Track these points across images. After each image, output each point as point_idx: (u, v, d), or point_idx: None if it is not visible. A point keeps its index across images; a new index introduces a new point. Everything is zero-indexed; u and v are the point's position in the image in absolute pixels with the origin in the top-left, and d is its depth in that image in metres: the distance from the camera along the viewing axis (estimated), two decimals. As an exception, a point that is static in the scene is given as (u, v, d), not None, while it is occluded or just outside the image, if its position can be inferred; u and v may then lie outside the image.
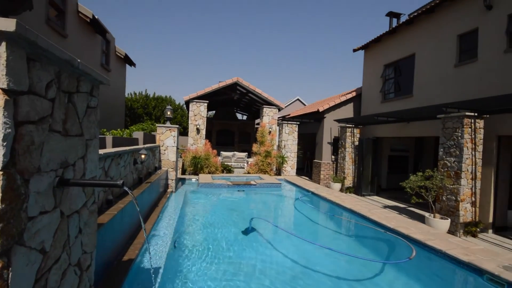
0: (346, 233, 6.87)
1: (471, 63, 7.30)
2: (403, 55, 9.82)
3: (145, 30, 73.98)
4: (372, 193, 10.82)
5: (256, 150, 13.66)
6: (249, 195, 9.84)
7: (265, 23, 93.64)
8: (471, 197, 6.41)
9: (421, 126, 8.72)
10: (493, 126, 6.54)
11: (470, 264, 4.17)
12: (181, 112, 27.09)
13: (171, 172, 9.15)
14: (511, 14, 6.40)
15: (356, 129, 11.21)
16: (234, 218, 7.01)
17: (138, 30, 65.02)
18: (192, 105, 13.36)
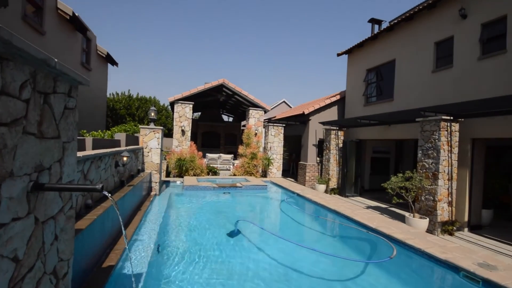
0: (331, 234, 6.99)
1: (447, 69, 7.67)
2: (384, 60, 10.17)
3: (129, 30, 72.34)
4: (356, 194, 11.08)
5: (242, 152, 13.64)
6: (235, 197, 9.79)
7: (252, 26, 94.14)
8: (448, 197, 6.72)
9: (402, 129, 9.04)
10: (467, 130, 6.90)
11: (447, 261, 4.35)
12: (165, 113, 26.62)
13: (155, 174, 8.95)
14: (484, 23, 6.79)
15: (340, 131, 11.46)
16: (220, 221, 6.95)
17: (122, 29, 63.39)
18: (177, 107, 13.16)
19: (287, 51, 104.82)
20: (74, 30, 10.06)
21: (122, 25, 59.97)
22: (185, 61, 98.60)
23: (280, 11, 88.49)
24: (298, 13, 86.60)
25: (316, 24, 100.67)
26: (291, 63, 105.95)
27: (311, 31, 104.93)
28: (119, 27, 61.09)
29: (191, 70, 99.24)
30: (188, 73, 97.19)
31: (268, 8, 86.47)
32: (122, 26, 60.37)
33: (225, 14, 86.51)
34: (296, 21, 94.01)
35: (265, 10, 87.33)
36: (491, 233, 6.80)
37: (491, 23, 6.68)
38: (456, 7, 7.42)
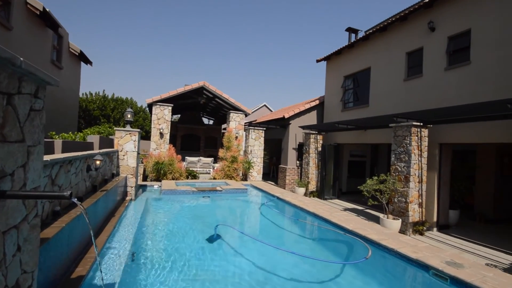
0: (310, 236, 7.10)
1: (417, 78, 8.15)
2: (360, 68, 10.60)
3: (106, 28, 69.41)
4: (334, 196, 11.37)
5: (223, 155, 13.53)
6: (215, 201, 9.66)
7: (233, 29, 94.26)
8: (418, 199, 7.09)
9: (377, 133, 9.44)
10: (436, 135, 7.35)
11: (418, 261, 4.58)
12: (143, 115, 25.81)
13: (130, 178, 8.60)
14: (451, 36, 7.31)
15: (319, 135, 11.74)
16: (199, 226, 6.81)
17: (98, 27, 60.58)
18: (156, 109, 12.80)
19: (268, 55, 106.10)
20: (44, 26, 9.49)
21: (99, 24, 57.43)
22: (165, 64, 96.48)
23: (262, 16, 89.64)
24: (280, 18, 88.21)
25: (297, 29, 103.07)
26: (272, 67, 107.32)
27: (292, 36, 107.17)
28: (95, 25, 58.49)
29: (171, 72, 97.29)
30: (168, 76, 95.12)
31: (249, 13, 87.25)
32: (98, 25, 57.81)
33: (206, 19, 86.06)
34: (278, 26, 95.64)
35: (245, 15, 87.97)
36: (458, 232, 7.27)
37: (456, 36, 7.20)
38: (425, 20, 7.93)
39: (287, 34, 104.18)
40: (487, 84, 6.32)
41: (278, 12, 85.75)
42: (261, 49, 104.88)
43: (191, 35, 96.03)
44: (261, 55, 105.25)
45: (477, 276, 3.95)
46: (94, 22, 56.07)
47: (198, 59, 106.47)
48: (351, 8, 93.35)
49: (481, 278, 3.88)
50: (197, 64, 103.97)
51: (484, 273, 4.10)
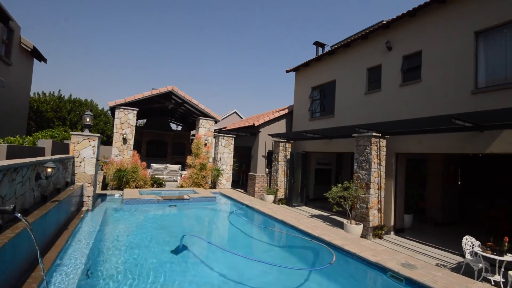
0: (278, 244, 7.15)
1: (377, 92, 8.82)
2: (327, 80, 11.18)
3: (66, 24, 63.75)
4: (302, 203, 11.65)
5: (191, 163, 13.17)
6: (182, 211, 9.31)
7: (204, 36, 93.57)
8: (378, 204, 7.57)
9: (341, 143, 9.95)
10: (392, 145, 7.96)
11: (377, 264, 4.85)
12: (104, 118, 24.24)
13: (87, 187, 7.94)
14: (405, 55, 8.06)
15: (288, 143, 12.03)
16: (164, 237, 6.49)
17: (58, 19, 55.57)
18: (119, 112, 12.10)
19: (240, 63, 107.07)
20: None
21: (59, 16, 52.97)
22: (132, 67, 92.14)
23: (234, 25, 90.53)
24: (252, 28, 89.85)
25: (268, 39, 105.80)
26: (243, 75, 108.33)
27: (263, 45, 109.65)
28: (55, 17, 53.77)
29: (138, 76, 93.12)
30: (134, 80, 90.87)
31: (219, 20, 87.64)
32: (58, 16, 53.28)
33: (179, 25, 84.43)
34: (250, 35, 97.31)
35: (215, 22, 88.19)
36: (412, 235, 7.87)
37: (410, 56, 7.96)
38: (384, 40, 8.66)
39: (259, 43, 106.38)
40: (436, 100, 7.05)
41: (251, 22, 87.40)
42: (233, 57, 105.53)
43: (161, 40, 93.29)
44: (233, 63, 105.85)
45: (428, 276, 4.29)
46: (53, 14, 51.53)
47: (168, 64, 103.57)
48: (319, 23, 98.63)
49: (432, 278, 4.22)
50: (166, 69, 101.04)
51: (434, 273, 4.47)
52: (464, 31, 6.61)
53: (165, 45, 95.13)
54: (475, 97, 6.24)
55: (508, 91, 5.69)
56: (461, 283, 4.12)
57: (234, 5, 69.39)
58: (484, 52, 6.33)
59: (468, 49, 6.50)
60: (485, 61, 6.30)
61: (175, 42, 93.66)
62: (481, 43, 6.38)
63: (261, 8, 76.12)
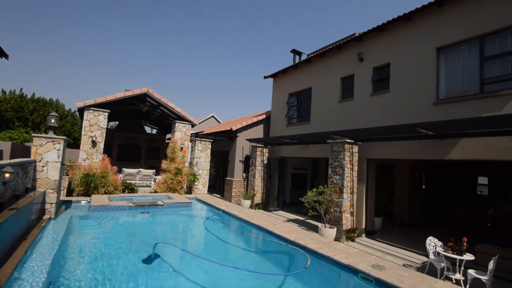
0: (254, 249, 7.13)
1: (350, 100, 9.22)
2: (303, 87, 11.49)
3: (31, 19, 58.61)
4: (278, 208, 11.75)
5: (166, 167, 12.77)
6: (155, 217, 8.96)
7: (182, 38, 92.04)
8: (350, 208, 7.85)
9: (317, 148, 10.23)
10: (364, 151, 8.34)
11: (350, 266, 5.01)
12: (71, 119, 22.83)
13: (50, 194, 7.38)
14: (375, 67, 8.53)
15: (265, 148, 12.13)
16: (135, 245, 6.19)
17: (22, 18, 50.99)
18: (88, 114, 11.45)
19: (218, 68, 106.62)
20: None
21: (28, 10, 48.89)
22: (105, 67, 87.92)
23: (213, 28, 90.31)
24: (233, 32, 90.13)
25: (246, 45, 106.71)
26: (222, 79, 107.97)
27: (241, 50, 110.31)
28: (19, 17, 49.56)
29: (111, 77, 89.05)
30: (106, 79, 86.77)
31: (196, 24, 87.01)
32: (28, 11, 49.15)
33: (156, 26, 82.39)
34: (230, 39, 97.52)
35: (193, 28, 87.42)
36: (381, 237, 8.24)
37: (379, 68, 8.45)
38: (356, 51, 9.12)
39: (238, 49, 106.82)
40: (403, 109, 7.53)
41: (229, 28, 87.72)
42: (211, 60, 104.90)
43: (136, 40, 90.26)
44: (211, 67, 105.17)
45: (396, 276, 4.52)
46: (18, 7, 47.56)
47: (143, 66, 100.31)
48: (297, 31, 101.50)
49: (399, 278, 4.44)
50: (142, 70, 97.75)
51: (401, 273, 4.71)
52: (427, 47, 7.17)
53: (140, 46, 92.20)
54: (437, 107, 6.76)
55: (465, 103, 6.24)
56: (426, 282, 4.39)
57: (213, 10, 69.33)
58: (444, 66, 6.91)
59: (430, 63, 7.05)
60: (445, 74, 6.86)
61: (151, 43, 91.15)
62: (442, 58, 6.95)
63: (240, 14, 76.83)
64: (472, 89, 6.30)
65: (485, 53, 6.15)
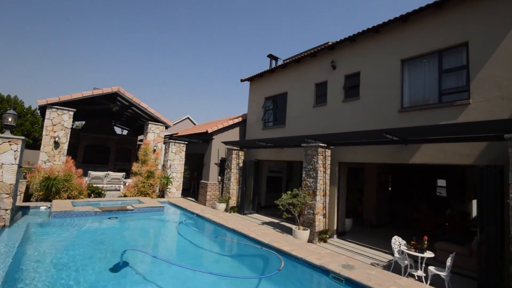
0: (229, 253, 7.06)
1: (323, 106, 9.56)
2: (279, 92, 11.70)
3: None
4: (253, 211, 11.77)
5: (137, 170, 12.22)
6: (124, 223, 8.53)
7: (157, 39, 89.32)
8: (323, 210, 8.10)
9: (292, 152, 10.44)
10: (336, 155, 8.67)
11: (321, 266, 5.16)
12: (31, 118, 21.10)
13: (5, 199, 6.72)
14: (347, 75, 8.94)
15: (241, 151, 12.12)
16: (101, 254, 5.83)
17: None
18: (51, 112, 10.65)
19: (194, 68, 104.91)
20: None
21: None
22: (73, 63, 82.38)
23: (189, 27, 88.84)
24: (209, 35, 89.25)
25: (223, 47, 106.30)
26: (198, 80, 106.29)
27: (218, 53, 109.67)
28: None
29: (78, 74, 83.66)
30: (73, 77, 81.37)
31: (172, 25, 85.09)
32: None
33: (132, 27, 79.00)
34: (206, 41, 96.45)
35: (169, 29, 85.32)
36: (352, 237, 8.59)
37: (351, 76, 8.87)
38: (329, 59, 9.50)
39: (215, 51, 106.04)
40: (371, 116, 7.96)
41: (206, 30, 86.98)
42: (186, 62, 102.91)
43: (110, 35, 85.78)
44: (187, 68, 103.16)
45: (364, 275, 4.73)
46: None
47: (115, 64, 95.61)
48: (274, 37, 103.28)
49: (367, 277, 4.66)
50: (115, 70, 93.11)
51: (369, 272, 4.94)
52: (393, 58, 7.68)
53: (112, 44, 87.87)
54: (401, 115, 7.25)
55: (426, 111, 6.76)
56: (391, 280, 4.64)
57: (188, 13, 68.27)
58: (408, 77, 7.44)
59: (396, 73, 7.55)
60: (409, 84, 7.39)
61: (123, 41, 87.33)
62: (406, 69, 7.49)
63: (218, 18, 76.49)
64: (432, 99, 6.86)
65: (443, 66, 6.73)
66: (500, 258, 4.95)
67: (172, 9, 73.31)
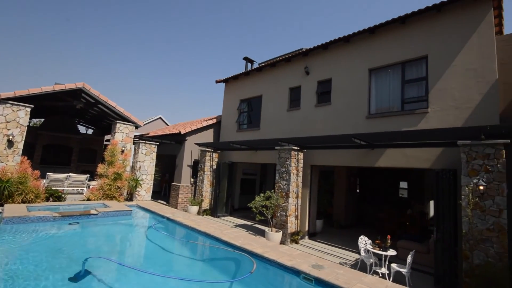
0: (201, 257, 6.91)
1: (297, 110, 9.80)
2: (254, 95, 11.78)
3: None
4: (226, 213, 11.67)
5: (103, 172, 11.50)
6: (87, 229, 7.97)
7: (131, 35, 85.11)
8: (295, 212, 8.27)
9: (266, 154, 10.54)
10: (308, 158, 8.92)
11: (293, 267, 5.25)
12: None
13: None
14: (319, 81, 9.26)
15: (215, 153, 11.98)
16: (60, 262, 5.39)
17: None
18: (5, 108, 9.67)
19: (169, 68, 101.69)
20: None
21: None
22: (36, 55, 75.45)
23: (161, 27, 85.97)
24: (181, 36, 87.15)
25: (199, 48, 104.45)
26: (172, 80, 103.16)
27: (194, 53, 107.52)
28: None
29: (40, 68, 76.89)
30: (33, 70, 74.63)
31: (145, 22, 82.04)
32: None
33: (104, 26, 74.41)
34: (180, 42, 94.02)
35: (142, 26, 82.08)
36: (322, 238, 8.87)
37: (323, 82, 9.21)
38: (303, 65, 9.78)
39: (190, 52, 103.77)
40: (342, 121, 8.32)
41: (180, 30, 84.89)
42: (161, 61, 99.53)
43: (76, 29, 79.92)
44: (162, 67, 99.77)
45: (332, 274, 4.90)
46: None
47: (79, 55, 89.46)
48: (249, 41, 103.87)
49: (335, 276, 4.84)
50: (81, 66, 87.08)
51: (337, 271, 5.14)
52: (361, 67, 8.12)
53: (79, 37, 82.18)
54: (368, 121, 7.68)
55: (391, 118, 7.23)
56: (357, 278, 4.87)
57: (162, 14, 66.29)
58: (375, 85, 7.91)
59: (364, 81, 7.99)
60: (375, 92, 7.86)
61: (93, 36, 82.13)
62: (373, 78, 7.95)
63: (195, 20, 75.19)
64: (396, 107, 7.35)
65: (406, 77, 7.26)
66: (454, 254, 5.43)
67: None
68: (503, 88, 6.23)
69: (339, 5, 77.40)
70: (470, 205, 4.85)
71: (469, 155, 5.03)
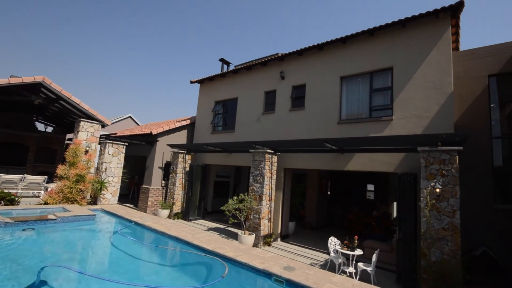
0: (170, 263, 6.67)
1: (271, 113, 9.93)
2: (230, 97, 11.72)
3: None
4: (199, 217, 11.41)
5: (63, 173, 10.63)
6: (44, 235, 7.31)
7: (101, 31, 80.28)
8: (268, 215, 8.33)
9: (240, 157, 10.51)
10: (282, 161, 9.06)
11: (265, 270, 5.27)
12: None
13: None
14: (294, 86, 9.48)
15: (188, 155, 11.69)
16: (12, 272, 4.87)
17: None
18: None
19: (142, 66, 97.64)
20: None
21: None
22: None
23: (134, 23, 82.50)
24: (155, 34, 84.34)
25: (172, 47, 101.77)
26: (143, 78, 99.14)
27: (170, 52, 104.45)
28: None
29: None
30: None
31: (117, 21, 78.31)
32: None
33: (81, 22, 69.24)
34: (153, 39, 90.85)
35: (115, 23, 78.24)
36: (294, 240, 9.02)
37: (297, 87, 9.44)
38: (279, 70, 9.96)
39: (164, 50, 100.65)
40: (315, 125, 8.58)
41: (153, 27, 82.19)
42: (134, 58, 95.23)
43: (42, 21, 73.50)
44: (133, 64, 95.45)
45: (303, 275, 5.00)
46: None
47: (41, 47, 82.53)
48: (225, 43, 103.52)
49: (305, 276, 4.94)
50: (44, 58, 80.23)
51: (308, 272, 5.25)
52: (333, 74, 8.46)
53: (48, 35, 75.78)
54: (339, 126, 8.01)
55: (359, 124, 7.61)
56: (326, 277, 5.01)
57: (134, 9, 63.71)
58: (346, 92, 8.28)
59: (336, 88, 8.34)
60: (346, 99, 8.23)
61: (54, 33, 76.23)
62: (344, 86, 8.33)
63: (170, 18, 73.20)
64: (364, 114, 7.76)
65: (373, 86, 7.70)
66: (413, 252, 5.82)
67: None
68: (458, 100, 6.88)
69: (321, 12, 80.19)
70: (428, 206, 5.25)
71: (427, 160, 5.45)
